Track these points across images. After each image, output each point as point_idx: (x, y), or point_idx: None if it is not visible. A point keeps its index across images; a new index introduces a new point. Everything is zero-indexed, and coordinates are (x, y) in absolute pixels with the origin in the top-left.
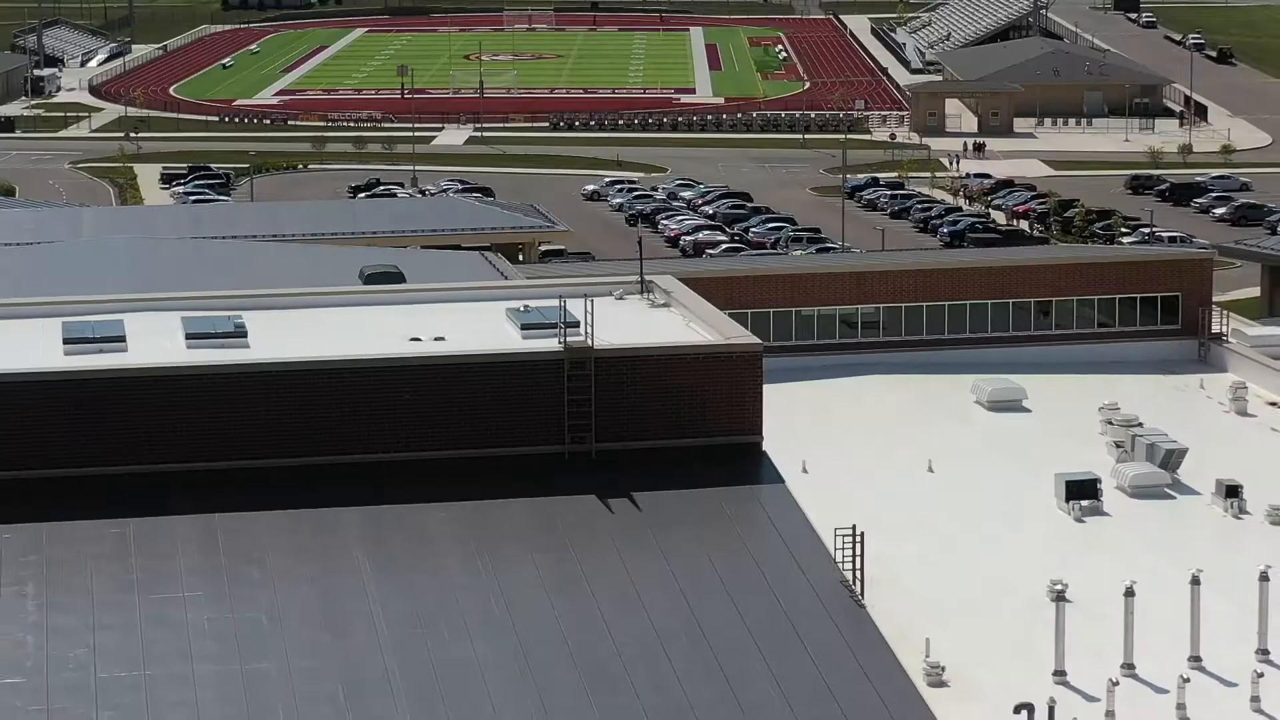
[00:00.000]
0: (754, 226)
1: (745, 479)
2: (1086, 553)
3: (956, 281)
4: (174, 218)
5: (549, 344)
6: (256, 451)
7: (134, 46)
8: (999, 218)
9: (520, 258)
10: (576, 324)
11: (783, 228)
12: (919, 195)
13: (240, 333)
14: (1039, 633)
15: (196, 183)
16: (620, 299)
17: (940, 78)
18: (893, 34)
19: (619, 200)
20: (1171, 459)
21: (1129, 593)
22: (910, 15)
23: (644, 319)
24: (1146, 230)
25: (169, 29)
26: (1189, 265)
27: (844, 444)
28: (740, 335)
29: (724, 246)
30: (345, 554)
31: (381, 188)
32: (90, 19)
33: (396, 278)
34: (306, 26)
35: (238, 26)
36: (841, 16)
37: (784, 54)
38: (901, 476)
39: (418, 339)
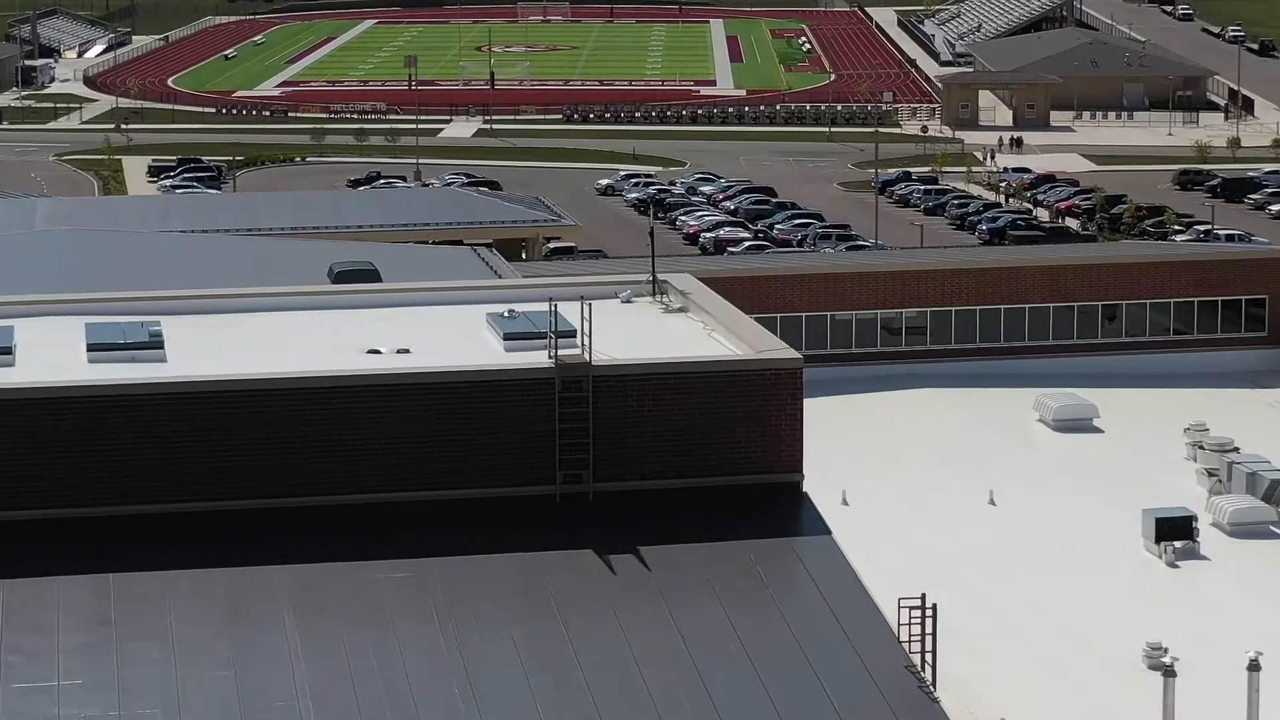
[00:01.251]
0: (779, 223)
1: (782, 529)
2: (1186, 605)
3: (1014, 282)
4: (140, 209)
5: (536, 358)
6: (165, 493)
7: (134, 38)
8: (1041, 214)
9: (524, 255)
10: (572, 333)
11: (810, 224)
12: (954, 190)
13: (155, 343)
14: (1136, 707)
15: (185, 176)
16: (627, 302)
17: (971, 70)
18: (920, 26)
19: (635, 195)
20: (1277, 491)
21: (1254, 666)
22: (938, 7)
23: (656, 327)
24: (1202, 228)
25: (173, 20)
26: (1278, 265)
27: (889, 470)
28: (775, 347)
29: (747, 244)
30: (271, 626)
31: (382, 181)
32: (91, 9)
33: (370, 276)
34: (314, 18)
35: (243, 18)
36: (867, 9)
37: (807, 46)
38: (959, 510)
39: (376, 351)
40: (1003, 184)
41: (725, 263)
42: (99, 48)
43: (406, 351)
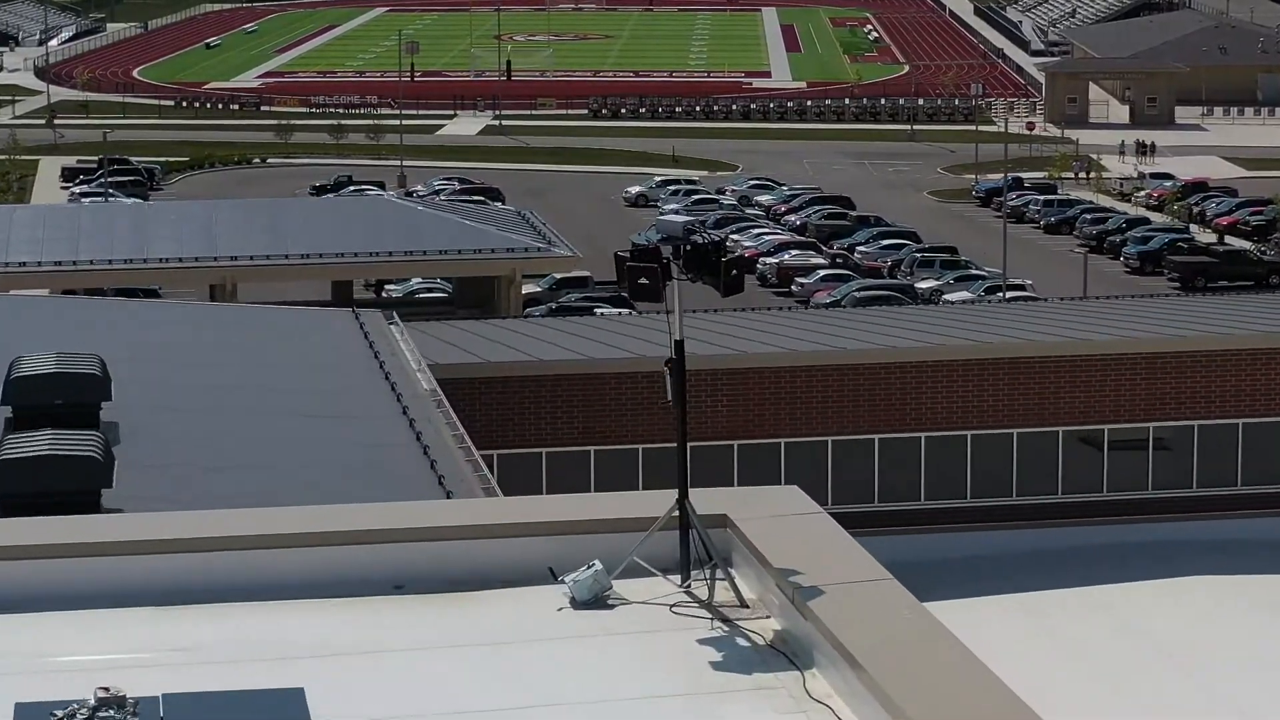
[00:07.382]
0: (862, 244)
1: None
2: None
3: None
4: None
5: None
6: None
7: (109, 25)
8: (1196, 231)
9: (495, 298)
10: None
11: (904, 245)
12: (1083, 202)
13: None
14: None
15: (103, 181)
16: (588, 603)
17: (1077, 58)
18: (1003, 12)
19: (673, 206)
20: None
21: None
22: None
23: None
24: None
25: (164, 8)
26: None
27: None
28: None
29: (822, 273)
30: None
31: (353, 188)
32: None
33: (87, 389)
34: (317, 5)
35: (237, 6)
36: None
37: (875, 35)
38: None
39: None
40: (1140, 193)
41: (815, 331)
42: (65, 35)
43: None
